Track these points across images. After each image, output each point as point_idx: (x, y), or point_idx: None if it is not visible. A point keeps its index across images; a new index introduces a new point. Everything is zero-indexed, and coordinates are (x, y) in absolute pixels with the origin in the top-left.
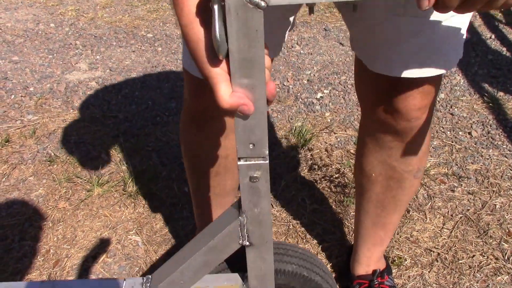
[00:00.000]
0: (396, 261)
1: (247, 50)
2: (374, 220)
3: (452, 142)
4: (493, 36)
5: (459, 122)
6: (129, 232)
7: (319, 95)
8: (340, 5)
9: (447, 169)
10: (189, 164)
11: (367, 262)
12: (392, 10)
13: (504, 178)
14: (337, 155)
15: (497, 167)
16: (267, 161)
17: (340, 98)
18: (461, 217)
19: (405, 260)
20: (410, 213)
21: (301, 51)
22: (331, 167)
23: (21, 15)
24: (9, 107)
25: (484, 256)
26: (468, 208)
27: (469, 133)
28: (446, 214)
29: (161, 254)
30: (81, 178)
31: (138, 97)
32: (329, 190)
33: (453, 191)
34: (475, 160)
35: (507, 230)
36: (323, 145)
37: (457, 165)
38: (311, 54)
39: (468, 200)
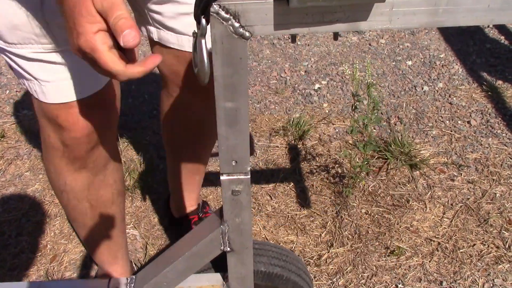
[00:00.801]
0: (396, 251)
1: (231, 76)
2: (190, 168)
3: (451, 131)
4: (491, 25)
5: (458, 111)
6: (127, 226)
7: (317, 86)
8: None
9: (447, 158)
10: (84, 215)
11: (191, 203)
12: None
13: (504, 166)
14: (335, 146)
15: (497, 155)
16: (249, 176)
17: (338, 89)
18: (461, 206)
19: (406, 250)
20: (410, 203)
21: (298, 42)
22: (329, 158)
23: None
24: (4, 102)
25: (484, 244)
26: (468, 197)
27: (468, 122)
28: (446, 203)
29: (159, 248)
30: None
31: (135, 90)
32: (327, 181)
33: (452, 180)
34: (474, 149)
35: (508, 219)
36: (321, 136)
37: (456, 154)
38: (308, 45)
39: (468, 189)
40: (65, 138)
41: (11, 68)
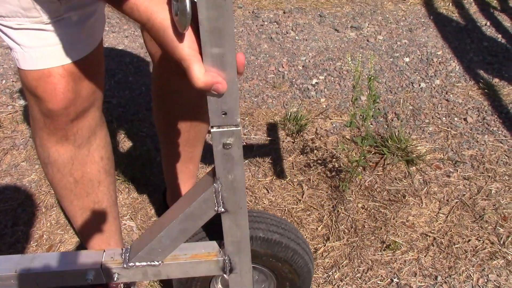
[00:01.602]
0: (392, 246)
1: (216, 19)
2: (184, 158)
3: (448, 128)
4: (488, 23)
5: (455, 108)
6: (124, 218)
7: (314, 81)
8: None
9: (443, 155)
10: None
11: None
12: None
13: (499, 163)
14: (332, 140)
15: (493, 152)
16: (239, 128)
17: (336, 84)
18: (456, 202)
19: (401, 244)
20: (406, 198)
21: (296, 37)
22: (327, 152)
23: None
24: (0, 92)
25: (479, 240)
26: (464, 193)
27: (465, 119)
28: (442, 199)
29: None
30: None
31: (132, 82)
32: (324, 175)
33: (448, 176)
34: (470, 146)
35: (503, 215)
36: (318, 130)
37: (452, 150)
38: (306, 40)
39: (463, 185)
40: (44, 109)
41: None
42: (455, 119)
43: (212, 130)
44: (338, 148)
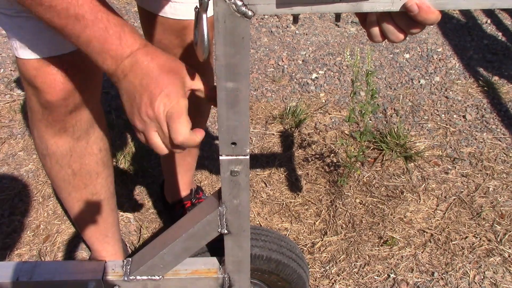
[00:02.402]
0: (389, 241)
1: (232, 56)
2: None
3: (447, 125)
4: (489, 21)
5: (454, 105)
6: (121, 209)
7: (314, 75)
8: None
9: (441, 152)
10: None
11: (184, 187)
12: None
13: (497, 161)
14: (331, 135)
15: (491, 150)
16: (248, 157)
17: (335, 79)
18: (454, 199)
19: (399, 240)
20: (404, 194)
21: (297, 31)
22: (325, 147)
23: None
24: None
25: (477, 237)
26: (462, 190)
27: (464, 116)
28: (440, 195)
29: (153, 231)
30: None
31: None
32: (322, 170)
33: (447, 173)
34: (469, 143)
35: (500, 212)
36: (317, 125)
37: (451, 147)
38: (306, 34)
39: (461, 182)
40: (42, 100)
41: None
42: (454, 116)
43: (221, 158)
44: (337, 143)
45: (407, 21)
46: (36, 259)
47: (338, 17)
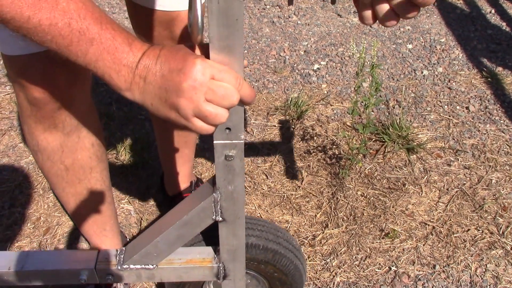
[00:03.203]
0: (391, 234)
1: (226, 37)
2: (179, 143)
3: (450, 116)
4: (493, 11)
5: (457, 96)
6: (122, 201)
7: (316, 66)
8: None
9: (444, 143)
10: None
11: (183, 179)
12: None
13: (500, 153)
14: (333, 127)
15: (494, 142)
16: (242, 141)
17: (337, 70)
18: (456, 191)
19: (400, 233)
20: (406, 186)
21: (298, 22)
22: (327, 139)
23: None
24: None
25: (479, 230)
26: (464, 182)
27: (467, 108)
28: (442, 188)
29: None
30: None
31: None
32: (324, 162)
33: (449, 165)
34: (472, 135)
35: (503, 205)
36: (319, 116)
37: (454, 139)
38: (308, 25)
39: (464, 174)
40: (30, 97)
41: None
42: (457, 107)
43: (214, 142)
44: (338, 135)
45: (404, 3)
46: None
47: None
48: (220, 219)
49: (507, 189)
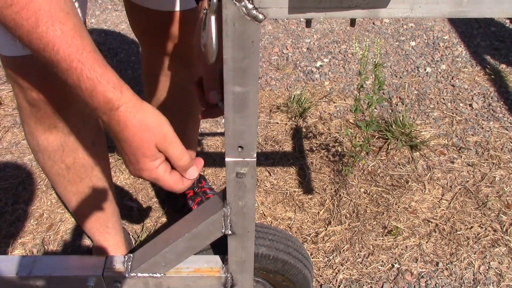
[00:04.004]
0: (394, 231)
1: (241, 59)
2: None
3: (453, 113)
4: None
5: (460, 93)
6: (125, 198)
7: (319, 63)
8: None
9: (447, 141)
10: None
11: None
12: None
13: (504, 150)
14: (335, 124)
15: (498, 139)
16: (255, 159)
17: (340, 67)
18: (460, 189)
19: (403, 230)
20: (409, 184)
21: (301, 19)
22: (330, 136)
23: None
24: (1, 70)
25: (482, 227)
26: (468, 179)
27: (470, 105)
28: (445, 185)
29: (156, 220)
30: None
31: (134, 62)
32: (327, 159)
33: (452, 162)
34: (475, 132)
35: (506, 202)
36: (321, 114)
37: (457, 136)
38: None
39: (467, 171)
40: (29, 97)
41: None
42: (461, 104)
43: (226, 159)
44: (341, 133)
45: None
46: (40, 248)
47: (353, 22)
48: (230, 232)
49: (510, 186)
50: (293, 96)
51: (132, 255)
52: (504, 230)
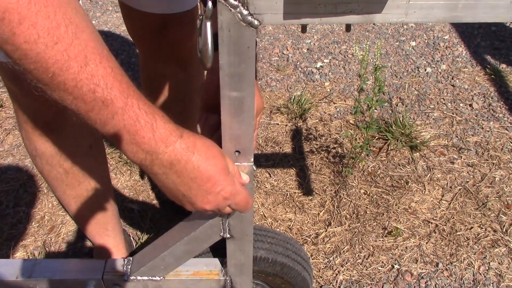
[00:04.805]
0: (394, 232)
1: (237, 65)
2: None
3: (453, 113)
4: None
5: (460, 93)
6: (125, 200)
7: (319, 64)
8: None
9: (447, 141)
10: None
11: None
12: None
13: (504, 150)
14: (336, 125)
15: (498, 139)
16: (252, 164)
17: (340, 68)
18: (460, 189)
19: (403, 231)
20: (409, 184)
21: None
22: (330, 137)
23: None
24: None
25: (482, 228)
26: (468, 180)
27: (470, 105)
28: (445, 186)
29: (157, 222)
30: None
31: (135, 63)
32: (327, 160)
33: (452, 163)
34: (475, 132)
35: (506, 203)
36: (322, 115)
37: (457, 137)
38: None
39: (467, 172)
40: (24, 104)
41: None
42: (461, 105)
43: None
44: (341, 134)
45: None
46: (41, 250)
47: (348, 27)
48: (228, 236)
49: (510, 186)
50: (293, 97)
51: (131, 258)
52: (504, 230)
